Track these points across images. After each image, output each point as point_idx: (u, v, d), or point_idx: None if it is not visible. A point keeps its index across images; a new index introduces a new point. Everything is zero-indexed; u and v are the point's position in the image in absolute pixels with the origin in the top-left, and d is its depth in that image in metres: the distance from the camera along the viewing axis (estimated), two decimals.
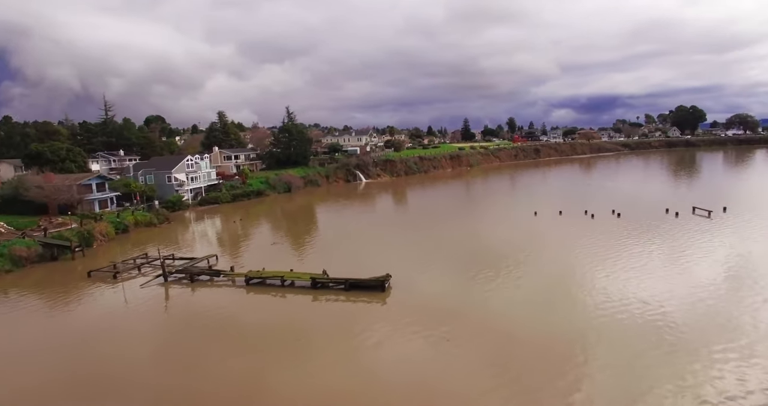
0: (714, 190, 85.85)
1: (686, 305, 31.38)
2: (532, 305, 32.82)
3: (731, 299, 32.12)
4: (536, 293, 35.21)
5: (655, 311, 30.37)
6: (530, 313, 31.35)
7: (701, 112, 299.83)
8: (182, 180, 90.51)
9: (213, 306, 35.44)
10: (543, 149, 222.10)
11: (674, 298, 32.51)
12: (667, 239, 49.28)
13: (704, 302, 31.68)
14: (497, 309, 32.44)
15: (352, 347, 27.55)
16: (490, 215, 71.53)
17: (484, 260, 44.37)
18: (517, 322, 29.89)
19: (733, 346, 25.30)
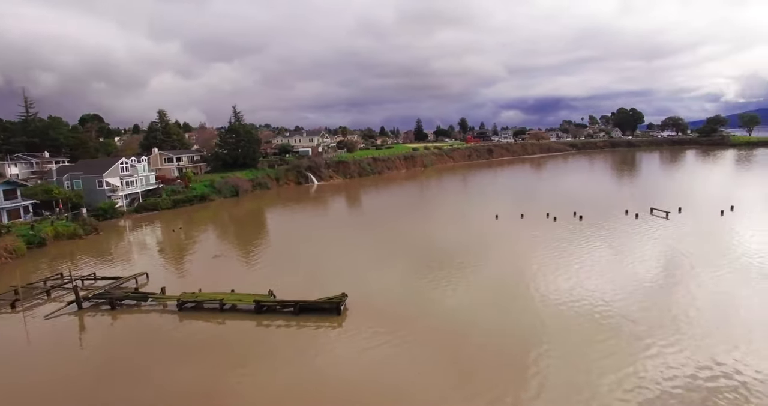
0: (665, 191, 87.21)
1: (633, 299, 33.14)
2: (490, 305, 33.40)
3: (674, 293, 34.09)
4: (495, 294, 35.18)
5: (605, 306, 32.16)
6: (487, 313, 32.03)
7: (640, 114, 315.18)
8: (115, 185, 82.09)
9: (135, 341, 29.78)
10: (496, 149, 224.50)
11: (626, 294, 33.93)
12: (629, 241, 48.12)
13: (651, 298, 32.86)
14: (455, 311, 32.67)
15: (303, 364, 23.33)
16: (449, 218, 68.58)
17: (443, 265, 41.17)
18: (474, 322, 30.51)
19: (669, 333, 27.70)
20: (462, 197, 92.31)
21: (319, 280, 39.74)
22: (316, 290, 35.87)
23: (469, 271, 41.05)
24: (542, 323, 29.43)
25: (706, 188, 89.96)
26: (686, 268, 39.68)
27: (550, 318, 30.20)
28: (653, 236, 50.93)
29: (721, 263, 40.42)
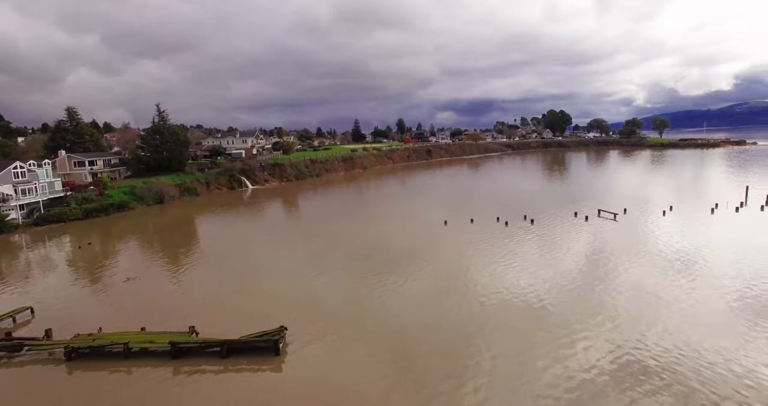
0: (607, 191, 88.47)
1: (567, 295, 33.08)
2: (431, 306, 33.30)
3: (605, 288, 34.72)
4: (449, 308, 33.14)
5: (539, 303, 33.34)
6: (429, 313, 32.08)
7: (568, 116, 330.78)
8: (6, 193, 70.51)
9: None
10: (435, 150, 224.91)
11: (561, 290, 32.76)
12: (583, 244, 46.38)
13: (582, 293, 30.77)
14: (399, 314, 32.30)
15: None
16: (395, 226, 64.48)
17: (393, 279, 36.88)
18: (415, 322, 30.63)
19: (596, 322, 29.53)
20: (407, 201, 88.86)
21: (254, 305, 34.00)
22: (251, 320, 30.20)
23: (417, 278, 37.11)
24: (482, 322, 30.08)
25: (643, 188, 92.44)
26: (627, 266, 38.92)
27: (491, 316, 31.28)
28: (606, 238, 49.62)
29: (657, 259, 40.22)
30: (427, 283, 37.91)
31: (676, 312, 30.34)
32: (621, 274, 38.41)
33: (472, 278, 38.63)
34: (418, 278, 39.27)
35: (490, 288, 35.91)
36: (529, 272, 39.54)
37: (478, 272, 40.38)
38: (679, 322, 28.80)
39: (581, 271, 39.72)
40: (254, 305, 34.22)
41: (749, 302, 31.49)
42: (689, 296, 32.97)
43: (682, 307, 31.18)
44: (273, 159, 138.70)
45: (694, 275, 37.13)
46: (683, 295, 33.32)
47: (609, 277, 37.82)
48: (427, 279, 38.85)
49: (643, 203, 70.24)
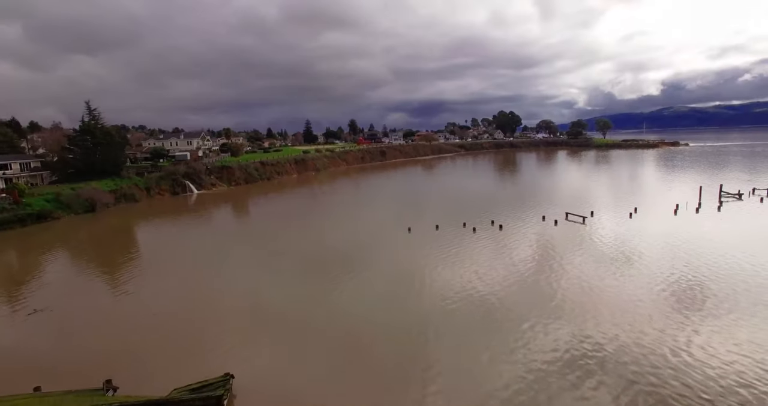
0: (570, 193, 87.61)
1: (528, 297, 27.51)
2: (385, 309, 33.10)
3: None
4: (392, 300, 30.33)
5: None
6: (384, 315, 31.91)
7: (518, 118, 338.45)
8: None
9: None
10: (389, 151, 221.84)
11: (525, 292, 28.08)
12: (558, 251, 43.54)
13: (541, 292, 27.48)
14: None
15: None
16: (355, 233, 59.70)
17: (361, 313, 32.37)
18: (371, 324, 30.43)
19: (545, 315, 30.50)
20: (366, 206, 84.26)
21: (195, 339, 28.33)
22: (190, 361, 24.72)
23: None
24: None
25: (604, 190, 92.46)
26: (608, 274, 35.91)
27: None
28: (581, 244, 47.18)
29: (640, 267, 37.29)
30: (398, 307, 33.39)
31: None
32: (605, 284, 35.60)
33: (446, 294, 34.92)
34: (390, 304, 34.18)
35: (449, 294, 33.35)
36: (500, 282, 36.56)
37: (448, 284, 36.97)
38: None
39: (559, 284, 36.54)
40: (195, 339, 28.50)
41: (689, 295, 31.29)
42: (654, 297, 31.89)
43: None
44: (220, 161, 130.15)
45: (669, 281, 34.89)
46: (652, 297, 32.25)
47: (594, 290, 34.84)
48: (399, 302, 34.32)
49: (608, 205, 69.00)
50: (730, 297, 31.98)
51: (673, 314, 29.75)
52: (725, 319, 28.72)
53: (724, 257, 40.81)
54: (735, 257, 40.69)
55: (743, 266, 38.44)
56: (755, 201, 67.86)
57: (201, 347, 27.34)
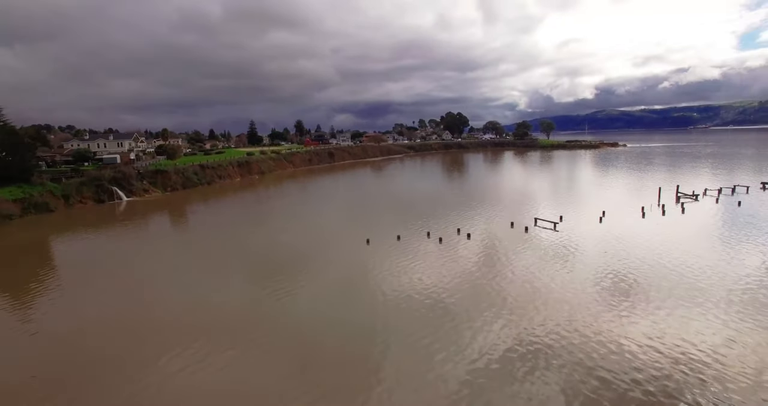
0: (534, 197, 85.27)
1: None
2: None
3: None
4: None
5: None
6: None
7: (465, 119, 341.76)
8: None
9: None
10: (337, 153, 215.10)
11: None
12: (535, 262, 39.62)
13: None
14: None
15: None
16: (306, 246, 53.20)
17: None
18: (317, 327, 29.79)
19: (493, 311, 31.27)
20: (317, 213, 77.62)
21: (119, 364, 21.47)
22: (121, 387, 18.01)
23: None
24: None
25: (565, 192, 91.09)
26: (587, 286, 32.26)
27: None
28: (557, 253, 43.56)
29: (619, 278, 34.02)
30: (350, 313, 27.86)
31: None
32: (592, 314, 31.70)
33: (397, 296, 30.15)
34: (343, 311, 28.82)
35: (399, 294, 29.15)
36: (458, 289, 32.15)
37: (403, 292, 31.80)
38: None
39: (543, 311, 32.31)
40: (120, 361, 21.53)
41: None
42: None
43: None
44: (154, 165, 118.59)
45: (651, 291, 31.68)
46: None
47: (581, 329, 30.74)
48: (363, 339, 28.66)
49: (575, 209, 66.13)
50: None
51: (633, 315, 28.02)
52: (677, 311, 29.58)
53: (708, 263, 38.37)
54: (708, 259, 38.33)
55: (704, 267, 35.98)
56: (711, 202, 67.90)
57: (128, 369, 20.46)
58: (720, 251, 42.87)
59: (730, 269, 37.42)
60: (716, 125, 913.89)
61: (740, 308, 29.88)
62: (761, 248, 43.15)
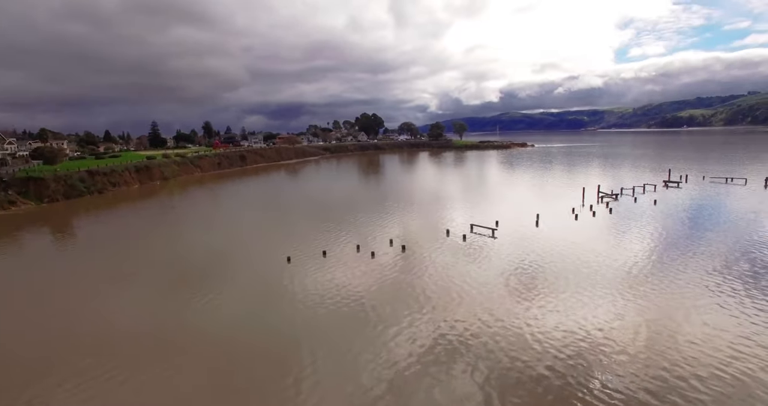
0: (462, 201, 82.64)
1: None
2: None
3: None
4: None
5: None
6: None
7: (381, 120, 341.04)
8: None
9: None
10: (249, 156, 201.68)
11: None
12: (476, 278, 35.53)
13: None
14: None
15: None
16: (214, 271, 44.96)
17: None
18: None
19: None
20: (227, 224, 68.35)
21: None
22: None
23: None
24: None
25: (493, 195, 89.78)
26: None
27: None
28: (502, 266, 39.90)
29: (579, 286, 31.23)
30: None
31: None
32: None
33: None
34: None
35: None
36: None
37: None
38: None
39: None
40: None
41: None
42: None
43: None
44: (25, 171, 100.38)
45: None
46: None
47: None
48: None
49: (507, 212, 62.98)
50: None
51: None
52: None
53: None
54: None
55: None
56: (630, 201, 69.50)
57: None
58: (652, 246, 41.92)
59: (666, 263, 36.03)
60: (602, 128, 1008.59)
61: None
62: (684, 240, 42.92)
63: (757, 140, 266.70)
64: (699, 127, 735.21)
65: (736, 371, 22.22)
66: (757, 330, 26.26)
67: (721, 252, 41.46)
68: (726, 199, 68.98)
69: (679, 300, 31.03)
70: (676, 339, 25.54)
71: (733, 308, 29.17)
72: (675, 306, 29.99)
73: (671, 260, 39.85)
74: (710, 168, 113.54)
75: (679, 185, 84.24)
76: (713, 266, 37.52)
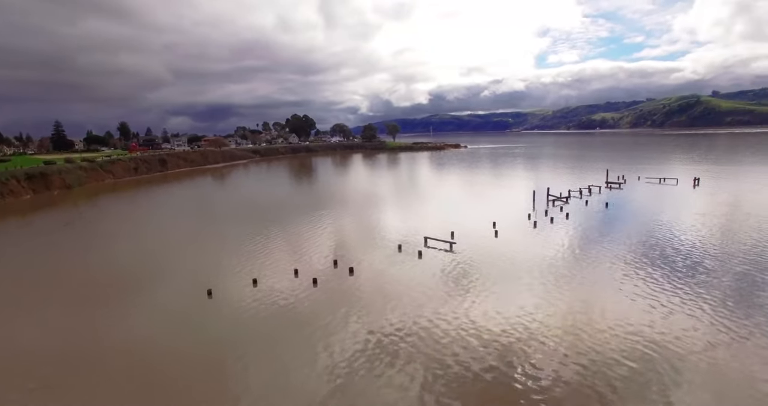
0: (411, 210, 76.89)
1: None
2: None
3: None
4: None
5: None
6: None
7: (312, 121, 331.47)
8: None
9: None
10: (170, 160, 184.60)
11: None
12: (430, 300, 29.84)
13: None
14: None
15: None
16: (115, 310, 35.73)
17: None
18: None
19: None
20: (139, 243, 57.73)
21: None
22: None
23: None
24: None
25: (435, 199, 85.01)
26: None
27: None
28: (466, 286, 34.34)
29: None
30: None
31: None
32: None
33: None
34: None
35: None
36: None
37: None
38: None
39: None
40: None
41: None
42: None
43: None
44: None
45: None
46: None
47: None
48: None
49: (461, 221, 57.59)
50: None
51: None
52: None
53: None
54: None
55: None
56: (580, 204, 67.49)
57: None
58: (627, 257, 38.46)
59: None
60: (526, 129, 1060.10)
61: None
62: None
63: (662, 142, 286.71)
64: (610, 129, 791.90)
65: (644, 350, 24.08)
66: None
67: (706, 263, 38.68)
68: (671, 201, 68.88)
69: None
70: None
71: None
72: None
73: (663, 276, 36.30)
74: (638, 168, 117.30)
75: (620, 186, 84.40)
76: (700, 279, 34.30)
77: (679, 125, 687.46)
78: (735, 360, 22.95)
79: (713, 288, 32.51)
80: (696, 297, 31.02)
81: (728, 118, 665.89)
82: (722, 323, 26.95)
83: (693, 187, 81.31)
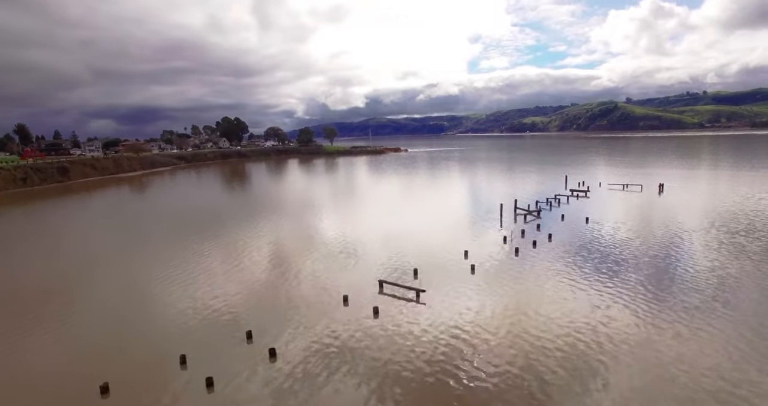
0: (370, 226, 64.39)
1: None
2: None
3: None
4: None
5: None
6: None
7: (244, 124, 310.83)
8: None
9: None
10: (74, 167, 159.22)
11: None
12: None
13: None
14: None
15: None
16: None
17: None
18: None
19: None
20: (27, 291, 41.19)
21: None
22: None
23: None
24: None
25: (391, 215, 73.14)
26: None
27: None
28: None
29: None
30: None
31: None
32: None
33: None
34: None
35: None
36: None
37: None
38: None
39: None
40: None
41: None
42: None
43: None
44: None
45: None
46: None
47: None
48: None
49: (425, 250, 46.01)
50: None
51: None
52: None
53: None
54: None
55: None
56: (555, 218, 58.61)
57: None
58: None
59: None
60: (461, 132, 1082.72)
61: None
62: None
63: (590, 145, 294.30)
64: (539, 132, 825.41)
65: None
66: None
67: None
68: (649, 212, 62.13)
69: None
70: None
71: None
72: None
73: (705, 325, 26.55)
74: (592, 172, 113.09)
75: (586, 194, 77.18)
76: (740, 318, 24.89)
77: (602, 129, 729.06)
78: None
79: None
80: None
81: (641, 122, 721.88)
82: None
83: (658, 194, 75.95)
